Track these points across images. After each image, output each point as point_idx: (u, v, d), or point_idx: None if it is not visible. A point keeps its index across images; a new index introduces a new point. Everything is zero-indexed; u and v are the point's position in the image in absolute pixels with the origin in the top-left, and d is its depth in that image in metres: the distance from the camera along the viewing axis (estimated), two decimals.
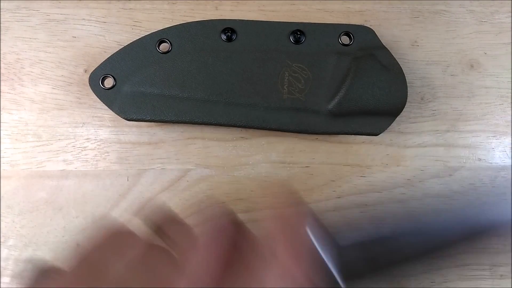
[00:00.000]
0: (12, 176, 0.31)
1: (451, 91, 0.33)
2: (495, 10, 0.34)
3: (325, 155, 0.32)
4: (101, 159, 0.32)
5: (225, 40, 0.31)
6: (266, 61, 0.30)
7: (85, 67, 0.32)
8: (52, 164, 0.32)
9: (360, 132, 0.30)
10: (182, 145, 0.32)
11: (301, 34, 0.31)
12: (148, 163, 0.32)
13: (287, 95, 0.30)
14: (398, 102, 0.29)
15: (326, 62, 0.30)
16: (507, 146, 0.33)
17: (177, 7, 0.33)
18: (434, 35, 0.34)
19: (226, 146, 0.32)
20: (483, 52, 0.34)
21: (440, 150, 0.33)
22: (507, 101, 0.33)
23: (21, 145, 0.32)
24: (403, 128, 0.33)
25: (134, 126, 0.32)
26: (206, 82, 0.30)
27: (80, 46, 0.33)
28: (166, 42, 0.30)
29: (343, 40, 0.31)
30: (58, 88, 0.32)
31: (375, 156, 0.32)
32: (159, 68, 0.30)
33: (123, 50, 0.30)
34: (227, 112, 0.30)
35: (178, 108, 0.30)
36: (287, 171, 0.32)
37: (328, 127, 0.30)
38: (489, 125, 0.33)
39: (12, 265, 0.30)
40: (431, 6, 0.34)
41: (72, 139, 0.32)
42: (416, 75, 0.33)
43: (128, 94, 0.30)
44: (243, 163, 0.32)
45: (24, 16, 0.33)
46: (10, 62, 0.32)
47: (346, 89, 0.29)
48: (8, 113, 0.32)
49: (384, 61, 0.30)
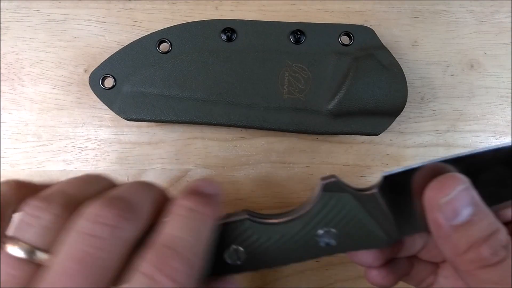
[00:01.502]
0: (12, 176, 0.31)
1: (451, 91, 0.33)
2: (495, 10, 0.34)
3: (325, 155, 0.32)
4: (101, 159, 0.32)
5: (225, 40, 0.31)
6: (266, 61, 0.30)
7: (85, 67, 0.32)
8: (52, 164, 0.32)
9: (360, 132, 0.30)
10: (182, 145, 0.32)
11: (301, 34, 0.31)
12: (148, 163, 0.32)
13: (287, 95, 0.30)
14: (398, 102, 0.29)
15: (326, 62, 0.30)
16: None
17: (177, 7, 0.33)
18: (434, 35, 0.34)
19: (226, 146, 0.32)
20: (483, 52, 0.34)
21: (440, 150, 0.33)
22: (507, 101, 0.33)
23: (21, 145, 0.32)
24: (403, 128, 0.33)
25: (134, 126, 0.32)
26: (206, 82, 0.30)
27: (80, 46, 0.33)
28: (166, 42, 0.30)
29: (343, 40, 0.31)
30: (58, 88, 0.32)
31: (375, 156, 0.32)
32: (159, 68, 0.30)
33: (123, 50, 0.30)
34: (227, 112, 0.30)
35: (178, 108, 0.30)
36: (287, 171, 0.32)
37: (328, 127, 0.30)
38: (489, 125, 0.33)
39: None
40: (431, 6, 0.34)
41: (72, 139, 0.32)
42: (416, 75, 0.33)
43: (128, 94, 0.30)
44: (243, 163, 0.32)
45: (24, 16, 0.33)
46: (10, 62, 0.32)
47: (346, 89, 0.29)
48: (8, 113, 0.32)
49: (384, 61, 0.30)
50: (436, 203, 0.18)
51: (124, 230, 0.17)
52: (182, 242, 0.17)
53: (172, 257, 0.17)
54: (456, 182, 0.18)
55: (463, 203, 0.18)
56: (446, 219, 0.18)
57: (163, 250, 0.17)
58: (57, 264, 0.16)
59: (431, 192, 0.18)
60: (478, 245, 0.17)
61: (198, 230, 0.18)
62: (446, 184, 0.18)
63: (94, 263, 0.16)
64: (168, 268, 0.16)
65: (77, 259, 0.16)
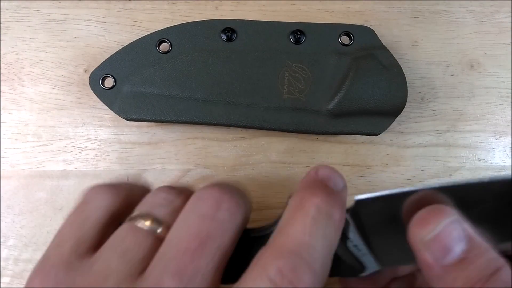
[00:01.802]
0: (12, 176, 0.31)
1: (451, 91, 0.33)
2: (495, 10, 0.34)
3: (325, 155, 0.32)
4: (101, 159, 0.32)
5: (225, 40, 0.31)
6: (266, 61, 0.30)
7: (85, 67, 0.32)
8: (52, 164, 0.32)
9: (360, 132, 0.30)
10: (182, 145, 0.32)
11: (301, 34, 0.31)
12: (148, 163, 0.32)
13: (287, 95, 0.30)
14: (398, 102, 0.29)
15: (326, 62, 0.30)
16: (507, 146, 0.33)
17: (177, 7, 0.33)
18: (434, 35, 0.34)
19: (226, 146, 0.32)
20: (483, 52, 0.34)
21: (440, 150, 0.33)
22: (507, 101, 0.33)
23: (21, 145, 0.32)
24: (403, 128, 0.33)
25: (134, 126, 0.32)
26: (206, 82, 0.30)
27: (80, 46, 0.33)
28: (166, 42, 0.30)
29: (343, 40, 0.31)
30: (58, 88, 0.32)
31: (375, 156, 0.32)
32: (159, 68, 0.30)
33: (123, 50, 0.30)
34: (227, 112, 0.30)
35: (178, 108, 0.30)
36: (287, 171, 0.32)
37: (328, 127, 0.30)
38: (489, 125, 0.33)
39: (12, 265, 0.30)
40: (431, 6, 0.34)
41: (72, 139, 0.32)
42: (416, 75, 0.33)
43: (128, 94, 0.30)
44: (243, 163, 0.32)
45: (24, 16, 0.33)
46: (10, 62, 0.32)
47: (346, 89, 0.29)
48: (8, 113, 0.32)
49: (384, 61, 0.30)
50: (421, 240, 0.15)
51: (238, 217, 0.18)
52: (312, 251, 0.16)
53: (301, 268, 0.15)
54: (442, 215, 0.15)
55: (453, 238, 0.15)
56: (435, 258, 0.15)
57: (292, 258, 0.15)
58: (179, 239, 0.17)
59: (414, 228, 0.16)
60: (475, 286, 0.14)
61: (328, 237, 0.16)
62: (430, 217, 0.15)
63: (212, 242, 0.17)
64: (295, 279, 0.15)
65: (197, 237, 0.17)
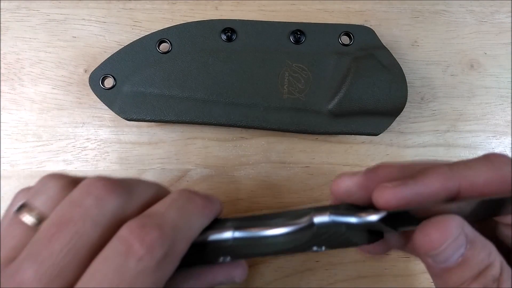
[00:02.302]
0: (12, 176, 0.31)
1: (451, 91, 0.33)
2: (495, 10, 0.34)
3: (325, 155, 0.32)
4: (101, 159, 0.32)
5: (225, 40, 0.31)
6: (266, 61, 0.30)
7: (85, 67, 0.32)
8: (52, 164, 0.32)
9: (360, 132, 0.30)
10: (182, 145, 0.32)
11: (301, 34, 0.31)
12: (148, 163, 0.32)
13: (287, 95, 0.30)
14: (398, 102, 0.29)
15: (326, 62, 0.30)
16: (507, 146, 0.33)
17: (177, 7, 0.33)
18: (434, 35, 0.34)
19: (226, 146, 0.32)
20: (483, 52, 0.34)
21: (440, 150, 0.33)
22: (507, 101, 0.33)
23: (21, 145, 0.32)
24: (403, 128, 0.33)
25: (134, 126, 0.32)
26: (206, 82, 0.30)
27: (80, 46, 0.33)
28: (166, 42, 0.30)
29: (343, 40, 0.31)
30: (58, 88, 0.32)
31: (375, 156, 0.32)
32: (159, 68, 0.30)
33: (123, 50, 0.30)
34: (227, 112, 0.30)
35: (178, 108, 0.30)
36: (287, 171, 0.32)
37: (328, 127, 0.30)
38: (489, 125, 0.33)
39: None
40: (431, 6, 0.34)
41: (72, 139, 0.32)
42: (416, 75, 0.33)
43: (128, 94, 0.30)
44: (243, 163, 0.32)
45: (24, 16, 0.33)
46: (10, 62, 0.32)
47: (346, 89, 0.29)
48: (8, 113, 0.32)
49: (384, 61, 0.30)
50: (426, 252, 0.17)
51: (109, 204, 0.17)
52: (165, 217, 0.17)
53: (151, 226, 0.16)
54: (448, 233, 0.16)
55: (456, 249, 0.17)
56: (436, 263, 0.17)
57: (144, 219, 0.17)
58: (44, 226, 0.17)
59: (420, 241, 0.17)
60: (469, 283, 0.16)
61: (186, 213, 0.18)
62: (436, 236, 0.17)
63: (71, 227, 0.16)
64: (144, 234, 0.16)
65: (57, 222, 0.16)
